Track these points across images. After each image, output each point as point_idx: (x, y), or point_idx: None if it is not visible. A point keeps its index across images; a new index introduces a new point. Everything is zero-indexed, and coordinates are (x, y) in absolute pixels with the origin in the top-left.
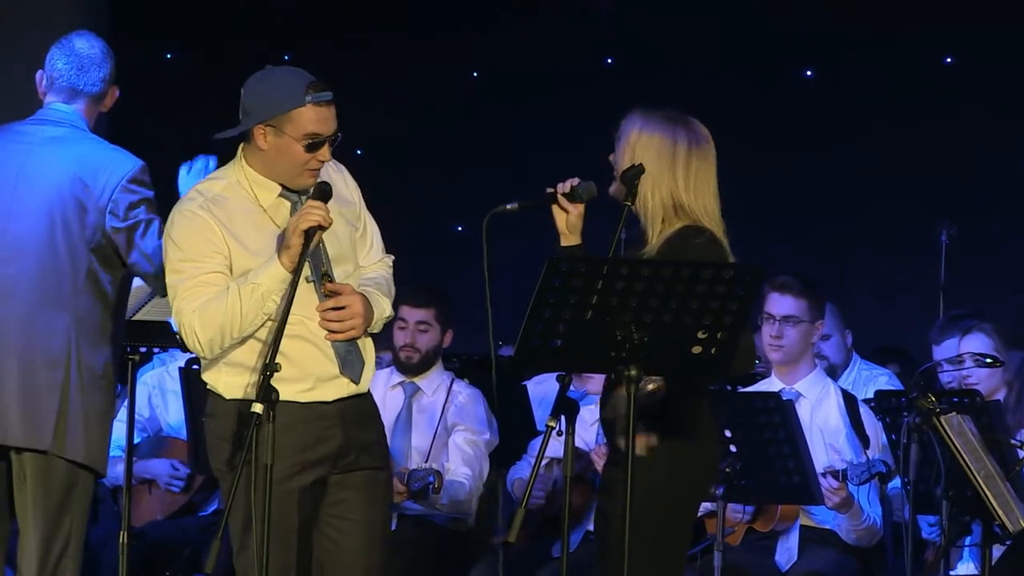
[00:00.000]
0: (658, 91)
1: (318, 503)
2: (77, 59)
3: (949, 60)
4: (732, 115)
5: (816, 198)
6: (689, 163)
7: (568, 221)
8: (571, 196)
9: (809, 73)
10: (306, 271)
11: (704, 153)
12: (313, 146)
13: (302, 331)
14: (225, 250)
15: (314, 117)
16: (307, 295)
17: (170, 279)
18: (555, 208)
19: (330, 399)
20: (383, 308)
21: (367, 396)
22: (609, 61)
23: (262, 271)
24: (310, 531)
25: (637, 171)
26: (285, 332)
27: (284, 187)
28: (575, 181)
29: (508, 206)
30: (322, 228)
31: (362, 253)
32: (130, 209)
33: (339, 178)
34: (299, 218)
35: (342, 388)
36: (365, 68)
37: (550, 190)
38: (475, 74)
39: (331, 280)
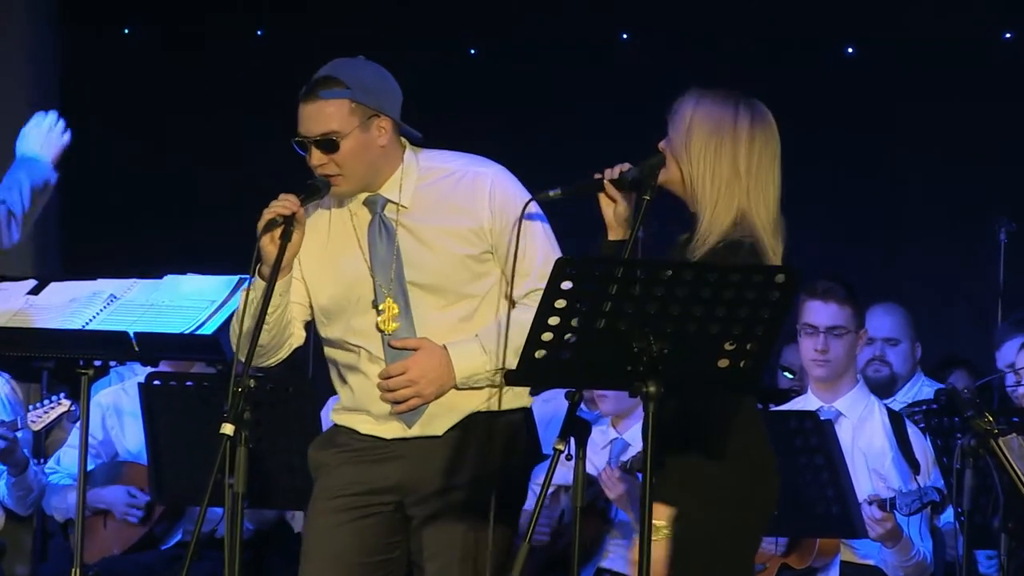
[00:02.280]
0: (678, 69)
1: (384, 542)
2: None
3: (1008, 36)
4: (762, 97)
5: (858, 192)
6: (752, 143)
7: (616, 212)
8: (619, 183)
9: (850, 50)
10: (371, 295)
11: (767, 135)
12: (300, 146)
13: (359, 362)
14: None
15: (298, 115)
16: (371, 322)
17: None
18: (602, 197)
19: (388, 437)
20: (476, 364)
21: (455, 437)
22: (624, 36)
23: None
24: (367, 564)
25: (658, 161)
26: (344, 362)
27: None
28: (625, 167)
29: (551, 192)
30: (287, 220)
31: (512, 282)
32: None
33: (466, 189)
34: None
35: (401, 430)
36: (345, 46)
37: (597, 176)
38: (472, 52)
39: (396, 310)
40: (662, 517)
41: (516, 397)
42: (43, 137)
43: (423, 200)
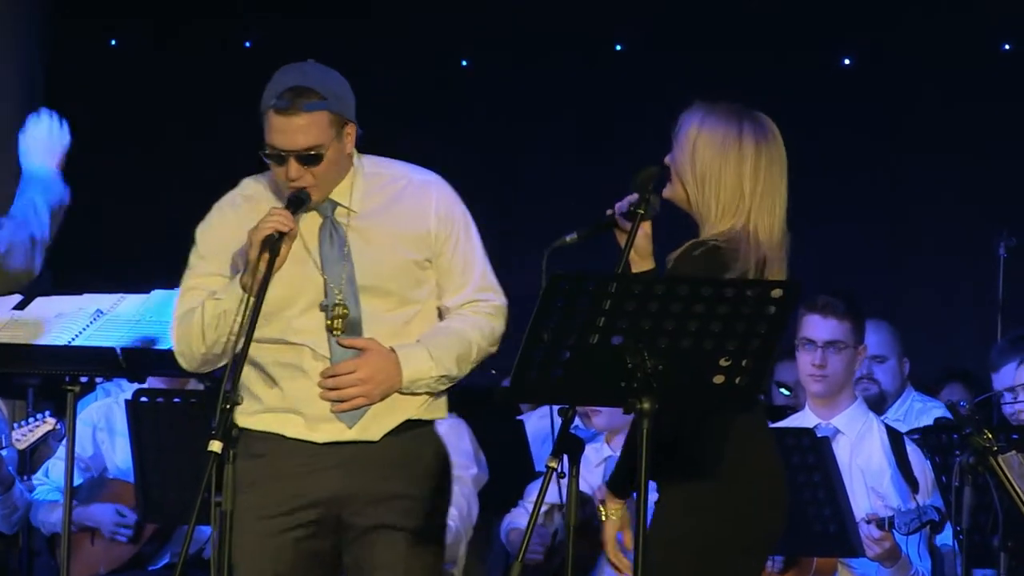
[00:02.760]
0: (674, 77)
1: (321, 556)
2: None
3: (1007, 47)
4: (761, 107)
5: (856, 204)
6: (757, 163)
7: (636, 244)
8: (630, 216)
9: (847, 62)
10: (320, 297)
11: (773, 154)
12: (275, 158)
13: (299, 359)
14: (238, 250)
15: (272, 126)
16: (317, 321)
17: (184, 275)
18: (617, 232)
19: (320, 441)
20: (423, 368)
21: (390, 444)
22: (618, 48)
23: (229, 286)
24: None
25: (649, 173)
26: (280, 360)
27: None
28: (633, 198)
29: (567, 238)
30: (282, 235)
31: (447, 292)
32: None
33: (413, 195)
34: (256, 227)
35: (338, 432)
36: (336, 57)
37: (609, 212)
38: (464, 63)
39: (347, 311)
40: (616, 507)
41: (439, 408)
42: (45, 144)
43: (372, 204)
